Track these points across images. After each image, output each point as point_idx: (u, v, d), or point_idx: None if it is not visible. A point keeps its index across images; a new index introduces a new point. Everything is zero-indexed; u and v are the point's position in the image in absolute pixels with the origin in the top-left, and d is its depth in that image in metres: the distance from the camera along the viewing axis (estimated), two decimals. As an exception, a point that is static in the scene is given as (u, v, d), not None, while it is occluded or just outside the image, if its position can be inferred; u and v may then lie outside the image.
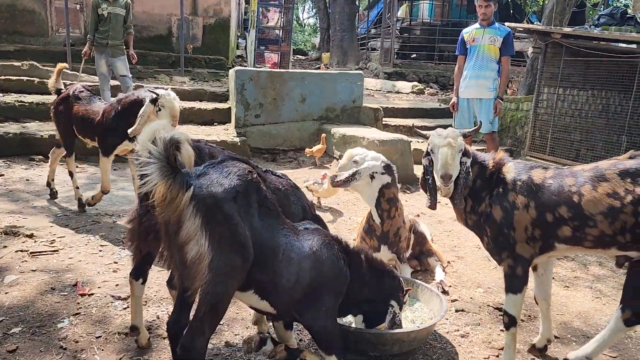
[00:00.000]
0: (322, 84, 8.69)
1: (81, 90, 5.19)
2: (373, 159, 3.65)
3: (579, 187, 2.58)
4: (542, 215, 2.63)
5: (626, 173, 2.50)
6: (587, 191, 2.54)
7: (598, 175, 2.57)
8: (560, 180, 2.65)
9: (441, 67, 16.70)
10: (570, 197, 2.58)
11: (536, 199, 2.66)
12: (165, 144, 2.08)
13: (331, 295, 2.61)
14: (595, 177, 2.57)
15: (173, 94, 4.54)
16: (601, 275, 4.42)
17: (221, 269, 2.13)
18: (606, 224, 2.49)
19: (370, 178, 3.58)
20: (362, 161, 3.65)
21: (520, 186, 2.72)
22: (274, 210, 2.41)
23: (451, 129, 2.93)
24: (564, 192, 2.60)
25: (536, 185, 2.69)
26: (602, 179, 2.55)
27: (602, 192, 2.51)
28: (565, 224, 2.59)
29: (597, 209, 2.50)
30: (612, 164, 2.60)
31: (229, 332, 3.15)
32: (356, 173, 3.52)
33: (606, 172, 2.55)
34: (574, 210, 2.56)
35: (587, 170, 2.65)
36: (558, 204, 2.60)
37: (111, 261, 4.05)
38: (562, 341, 3.31)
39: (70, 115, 5.07)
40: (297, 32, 38.83)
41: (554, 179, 2.68)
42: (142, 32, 13.90)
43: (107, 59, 7.94)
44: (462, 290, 3.99)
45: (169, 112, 4.42)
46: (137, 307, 2.85)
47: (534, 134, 8.74)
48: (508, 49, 6.47)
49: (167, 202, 2.10)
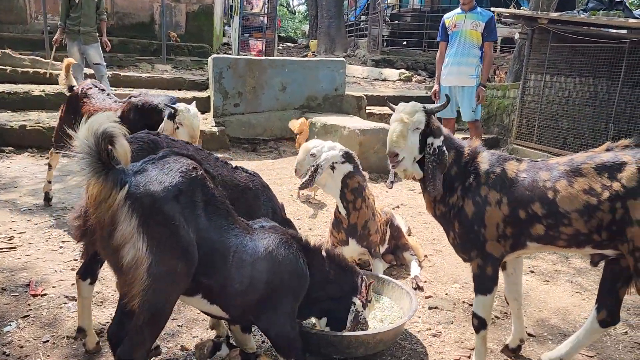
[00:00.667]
0: (304, 72, 8.47)
1: (89, 86, 4.78)
2: (330, 148, 3.48)
3: (553, 183, 2.40)
4: (515, 212, 2.45)
5: (603, 167, 2.33)
6: (562, 187, 2.37)
7: (574, 169, 2.39)
8: (534, 174, 2.47)
9: (430, 54, 16.45)
10: (544, 192, 2.40)
11: (509, 195, 2.47)
12: (97, 137, 1.88)
13: (289, 297, 2.45)
14: (571, 172, 2.39)
15: (194, 110, 3.98)
16: (582, 268, 4.29)
17: (161, 274, 1.95)
18: (582, 222, 2.33)
19: (331, 169, 3.41)
20: (319, 153, 3.47)
21: (493, 179, 2.52)
22: (224, 209, 2.24)
23: (413, 103, 2.65)
24: (538, 188, 2.43)
25: (509, 180, 2.49)
26: (578, 173, 2.37)
27: (579, 188, 2.34)
28: (538, 222, 2.42)
29: (573, 206, 2.33)
30: (588, 157, 2.42)
31: (187, 335, 2.98)
32: (317, 168, 3.34)
33: (582, 167, 2.38)
34: (549, 207, 2.38)
35: (562, 163, 2.47)
36: (532, 199, 2.42)
37: (71, 258, 3.86)
38: (538, 340, 3.17)
39: (78, 113, 4.50)
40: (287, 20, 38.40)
41: (528, 173, 2.49)
42: (124, 20, 13.59)
43: (79, 47, 7.69)
44: (437, 286, 3.83)
45: (187, 131, 3.88)
46: (84, 309, 2.68)
47: (521, 121, 8.58)
48: (491, 35, 6.28)
49: (100, 202, 1.92)
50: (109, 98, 4.77)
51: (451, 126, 6.70)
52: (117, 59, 11.77)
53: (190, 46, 13.80)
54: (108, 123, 1.90)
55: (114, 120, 1.93)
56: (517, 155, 8.31)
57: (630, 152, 2.32)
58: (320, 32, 19.26)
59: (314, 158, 3.47)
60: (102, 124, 1.87)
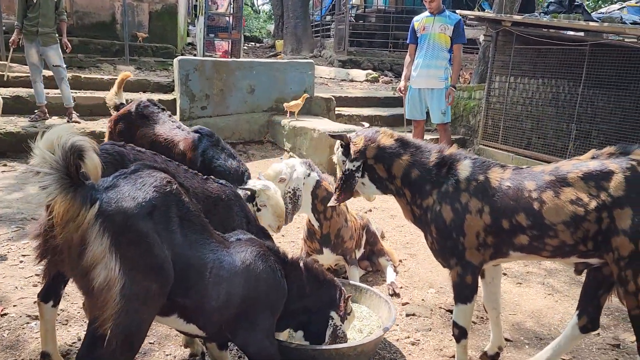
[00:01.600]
0: (272, 74, 8.36)
1: (146, 104, 4.09)
2: (294, 167, 3.41)
3: (539, 193, 2.36)
4: (497, 222, 2.42)
5: (590, 176, 2.32)
6: (549, 198, 2.34)
7: (560, 179, 2.37)
8: (519, 184, 2.42)
9: (395, 55, 16.56)
10: (530, 203, 2.36)
11: (492, 204, 2.43)
12: (65, 151, 1.76)
13: (267, 312, 2.38)
14: (557, 182, 2.36)
15: (273, 187, 3.26)
16: (553, 269, 4.35)
17: (135, 296, 1.85)
18: (568, 234, 2.31)
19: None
20: (289, 176, 3.36)
21: (475, 187, 2.47)
22: (199, 223, 2.14)
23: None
24: (523, 198, 2.38)
25: (492, 189, 2.45)
26: (564, 183, 2.35)
27: (565, 199, 2.32)
28: (522, 233, 2.39)
29: (560, 218, 2.31)
30: (574, 165, 2.40)
31: (160, 353, 2.86)
32: (295, 191, 3.29)
33: (569, 176, 2.36)
34: (534, 219, 2.35)
35: (547, 172, 2.43)
36: (516, 210, 2.38)
37: (32, 273, 3.66)
38: (515, 344, 3.19)
39: (133, 138, 3.85)
40: (252, 19, 38.03)
41: (512, 182, 2.44)
42: (84, 19, 13.14)
43: (37, 48, 7.38)
44: (413, 292, 3.82)
45: (272, 211, 3.20)
46: (47, 333, 2.52)
47: (487, 122, 8.70)
48: (459, 37, 6.34)
49: (67, 220, 1.80)
50: (172, 123, 4.05)
51: (421, 128, 6.74)
52: (77, 59, 11.37)
53: (154, 47, 13.46)
54: (76, 136, 1.78)
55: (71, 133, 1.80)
56: (484, 155, 8.47)
57: (617, 160, 2.31)
58: (286, 32, 19.13)
59: (284, 183, 3.34)
60: (70, 137, 1.76)
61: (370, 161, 2.67)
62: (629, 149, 2.34)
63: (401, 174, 2.62)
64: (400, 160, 2.62)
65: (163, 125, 4.01)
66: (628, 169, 2.26)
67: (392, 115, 9.81)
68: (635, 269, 2.22)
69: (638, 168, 2.25)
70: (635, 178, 2.23)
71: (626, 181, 2.23)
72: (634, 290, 2.25)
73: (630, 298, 2.28)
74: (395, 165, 2.62)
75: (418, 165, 2.60)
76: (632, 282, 2.24)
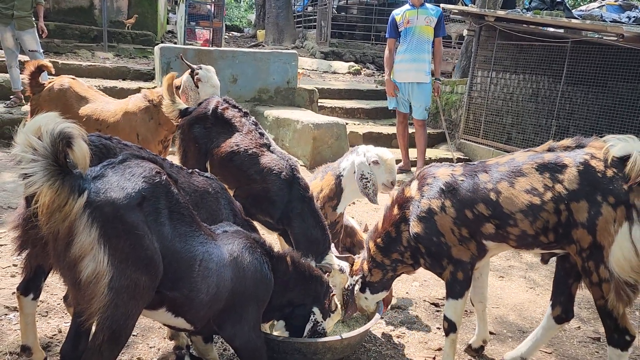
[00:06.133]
0: (255, 64, 8.28)
1: (225, 105, 3.46)
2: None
3: (495, 184, 2.43)
4: (462, 213, 2.49)
5: (544, 167, 2.36)
6: (504, 188, 2.40)
7: (515, 170, 2.42)
8: (474, 177, 2.51)
9: (377, 48, 16.56)
10: (487, 194, 2.43)
11: (451, 198, 2.51)
12: (53, 138, 1.69)
13: (254, 304, 2.35)
14: (512, 172, 2.42)
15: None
16: (534, 263, 4.42)
17: (123, 289, 1.80)
18: (527, 223, 2.36)
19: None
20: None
21: (427, 192, 2.58)
22: (188, 215, 2.09)
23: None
24: (480, 190, 2.46)
25: (446, 185, 2.54)
26: (519, 173, 2.40)
27: (520, 188, 2.37)
28: (487, 221, 2.45)
29: (516, 207, 2.37)
30: (530, 156, 2.46)
31: (143, 345, 2.81)
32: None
33: (523, 167, 2.41)
34: (493, 208, 2.42)
35: (502, 164, 2.50)
36: (475, 201, 2.46)
37: (10, 264, 3.57)
38: (498, 337, 3.23)
39: (209, 146, 3.42)
40: (232, 8, 37.61)
41: (466, 176, 2.53)
42: (61, 3, 12.80)
43: (13, 32, 7.16)
44: (397, 285, 3.82)
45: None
46: (27, 326, 2.45)
47: (468, 117, 8.76)
48: (442, 30, 6.39)
49: (54, 210, 1.73)
50: (259, 133, 3.36)
51: (405, 121, 6.75)
52: (53, 45, 11.09)
53: (134, 33, 13.20)
54: (65, 122, 1.72)
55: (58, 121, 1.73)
56: (465, 150, 8.56)
57: (572, 154, 2.35)
58: (268, 22, 18.94)
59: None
60: (59, 123, 1.69)
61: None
62: (584, 142, 2.38)
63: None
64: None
65: (247, 135, 3.35)
66: (581, 163, 2.29)
67: (374, 108, 9.82)
68: (596, 261, 2.27)
69: (591, 162, 2.27)
70: (588, 172, 2.26)
71: (579, 175, 2.27)
72: (597, 281, 2.30)
73: (594, 289, 2.33)
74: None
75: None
76: (594, 273, 2.30)
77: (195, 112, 3.51)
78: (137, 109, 4.07)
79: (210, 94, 4.00)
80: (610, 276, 2.24)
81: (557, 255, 2.59)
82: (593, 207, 2.23)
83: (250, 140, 3.29)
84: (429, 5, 6.46)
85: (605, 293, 2.28)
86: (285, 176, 3.13)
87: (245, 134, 3.33)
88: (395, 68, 6.48)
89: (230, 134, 3.35)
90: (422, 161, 6.64)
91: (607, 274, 2.25)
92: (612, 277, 2.23)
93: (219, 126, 3.40)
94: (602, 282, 2.28)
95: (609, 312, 2.30)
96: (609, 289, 2.25)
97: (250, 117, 3.48)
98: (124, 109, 4.12)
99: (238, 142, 3.29)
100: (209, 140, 3.40)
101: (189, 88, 4.01)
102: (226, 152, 3.30)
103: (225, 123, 3.39)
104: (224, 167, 3.31)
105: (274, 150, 3.30)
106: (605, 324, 2.37)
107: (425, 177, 2.65)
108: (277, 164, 3.18)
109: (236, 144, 3.28)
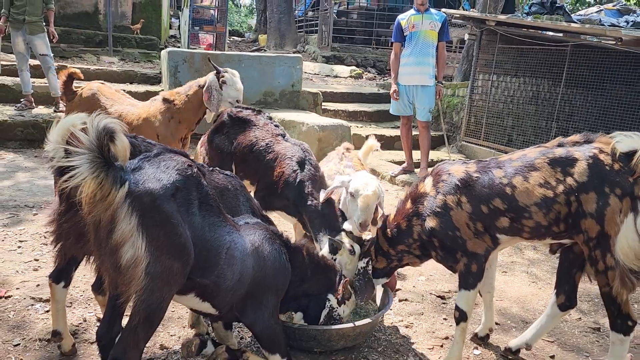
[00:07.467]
0: (260, 68, 8.43)
1: (237, 109, 3.85)
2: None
3: (510, 179, 2.56)
4: (477, 208, 2.61)
5: (556, 161, 2.50)
6: (519, 182, 2.53)
7: (528, 165, 2.56)
8: (488, 173, 2.63)
9: (379, 52, 16.74)
10: (502, 189, 2.56)
11: (466, 194, 2.63)
12: (99, 132, 1.83)
13: (273, 292, 2.49)
14: (525, 167, 2.56)
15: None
16: (535, 259, 4.56)
17: (158, 274, 1.94)
18: (541, 215, 2.50)
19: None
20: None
21: (443, 188, 2.69)
22: (216, 207, 2.24)
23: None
24: (495, 185, 2.58)
25: (461, 181, 2.66)
26: (532, 168, 2.54)
27: (534, 183, 2.50)
28: (502, 215, 2.57)
29: (531, 200, 2.50)
30: (541, 152, 2.60)
31: (164, 333, 2.95)
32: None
33: (536, 162, 2.55)
34: (509, 202, 2.54)
35: (515, 159, 2.64)
36: (491, 196, 2.58)
37: (31, 258, 3.71)
38: (502, 328, 3.36)
39: (231, 148, 3.66)
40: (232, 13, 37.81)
41: (480, 172, 2.65)
42: (66, 9, 12.98)
43: (24, 37, 7.31)
44: (404, 279, 3.97)
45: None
46: (58, 312, 2.59)
47: (469, 119, 8.92)
48: (445, 34, 6.53)
49: (97, 200, 1.87)
50: (272, 124, 3.69)
51: (409, 124, 6.88)
52: (59, 49, 11.22)
53: (138, 38, 13.38)
54: (107, 118, 1.86)
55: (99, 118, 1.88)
56: (466, 152, 8.71)
57: (581, 149, 2.49)
58: (270, 26, 19.11)
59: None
60: (102, 119, 1.84)
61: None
62: (592, 138, 2.53)
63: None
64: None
65: (264, 127, 3.65)
66: (591, 157, 2.44)
67: (376, 111, 9.98)
68: (603, 249, 2.41)
69: (600, 156, 2.43)
70: (597, 165, 2.41)
71: (589, 168, 2.42)
72: (603, 269, 2.44)
73: (600, 276, 2.47)
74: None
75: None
76: (601, 261, 2.43)
77: (212, 127, 3.88)
78: (158, 112, 4.25)
79: (234, 97, 4.20)
80: (615, 264, 2.37)
81: (565, 245, 2.72)
82: (601, 199, 2.37)
83: (267, 132, 3.60)
84: (433, 10, 6.62)
85: (610, 280, 2.41)
86: (298, 158, 3.39)
87: (261, 126, 3.65)
88: (400, 71, 6.62)
89: (248, 130, 3.65)
90: (426, 162, 6.78)
91: (612, 261, 2.38)
92: (617, 264, 2.36)
93: (237, 127, 3.71)
94: (608, 270, 2.41)
95: (613, 298, 2.44)
96: (614, 276, 2.39)
97: (264, 112, 3.80)
98: (147, 111, 4.30)
99: (256, 134, 3.60)
100: (230, 143, 3.68)
101: (213, 88, 4.13)
102: (246, 145, 3.59)
103: (242, 122, 3.71)
104: (245, 160, 3.58)
105: (288, 139, 3.60)
106: (609, 311, 2.50)
107: (440, 173, 2.76)
108: (291, 149, 3.46)
109: (254, 136, 3.59)
